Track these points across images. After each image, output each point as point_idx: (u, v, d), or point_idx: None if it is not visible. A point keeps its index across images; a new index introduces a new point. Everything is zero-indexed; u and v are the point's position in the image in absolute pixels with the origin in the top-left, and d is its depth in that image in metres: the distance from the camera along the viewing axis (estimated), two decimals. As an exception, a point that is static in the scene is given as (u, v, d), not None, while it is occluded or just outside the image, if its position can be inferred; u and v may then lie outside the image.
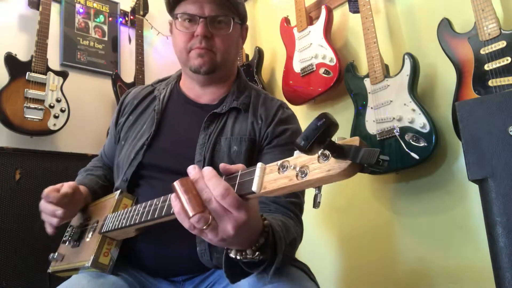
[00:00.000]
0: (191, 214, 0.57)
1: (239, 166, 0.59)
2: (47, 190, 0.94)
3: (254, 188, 0.53)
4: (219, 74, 1.02)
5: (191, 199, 0.57)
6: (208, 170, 0.58)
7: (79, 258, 0.93)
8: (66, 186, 0.96)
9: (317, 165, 0.47)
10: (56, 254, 1.02)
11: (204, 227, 0.57)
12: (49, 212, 0.94)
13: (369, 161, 0.42)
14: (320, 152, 0.46)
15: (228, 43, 0.99)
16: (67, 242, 1.01)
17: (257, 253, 0.64)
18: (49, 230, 0.97)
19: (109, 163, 1.19)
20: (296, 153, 0.50)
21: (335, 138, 0.45)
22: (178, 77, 1.13)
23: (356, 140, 0.44)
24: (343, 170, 0.44)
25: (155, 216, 0.72)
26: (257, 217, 0.63)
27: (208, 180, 0.57)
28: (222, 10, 0.96)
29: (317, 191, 0.50)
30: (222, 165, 0.60)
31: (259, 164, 0.54)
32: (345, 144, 0.44)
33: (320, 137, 0.43)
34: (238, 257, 0.65)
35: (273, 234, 0.68)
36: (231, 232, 0.57)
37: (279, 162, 0.52)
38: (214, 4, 0.95)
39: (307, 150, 0.44)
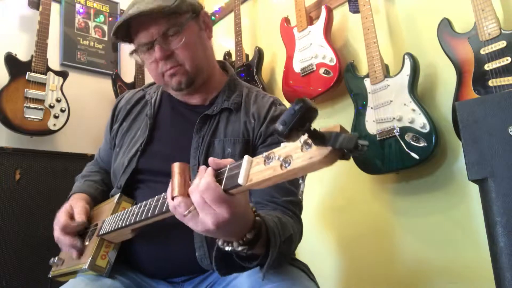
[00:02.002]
0: (174, 194, 0.59)
1: (228, 161, 0.59)
2: (63, 220, 0.92)
3: (241, 180, 0.53)
4: (200, 79, 0.99)
5: (181, 183, 0.60)
6: (202, 166, 0.61)
7: (77, 261, 0.93)
8: (80, 214, 0.95)
9: (300, 154, 0.47)
10: (57, 258, 1.03)
11: (185, 213, 0.58)
12: (69, 245, 0.93)
13: (348, 145, 0.42)
14: (303, 140, 0.47)
15: (190, 49, 0.95)
16: None
17: (245, 247, 0.64)
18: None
19: (105, 167, 1.19)
20: (283, 144, 0.50)
21: (319, 128, 0.45)
22: None
23: (337, 127, 0.44)
24: (324, 157, 0.44)
25: (149, 215, 0.73)
26: (245, 213, 0.62)
27: (198, 173, 0.59)
28: (166, 23, 0.91)
29: (300, 181, 0.50)
30: (211, 160, 0.61)
31: (246, 157, 0.54)
32: (326, 131, 0.44)
33: (299, 122, 0.43)
34: (226, 248, 0.65)
35: (266, 230, 0.68)
36: (211, 226, 0.58)
37: (265, 153, 0.52)
38: (156, 21, 0.91)
39: (286, 136, 0.44)
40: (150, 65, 0.97)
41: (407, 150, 1.44)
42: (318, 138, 0.44)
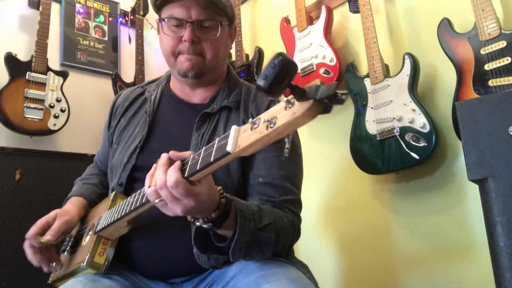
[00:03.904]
0: (149, 185, 0.68)
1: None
2: (31, 231, 0.91)
3: (229, 148, 0.55)
4: (208, 77, 1.02)
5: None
6: (164, 159, 0.67)
7: (75, 261, 0.93)
8: (53, 231, 0.92)
9: (284, 113, 0.48)
10: (54, 264, 1.01)
11: (155, 201, 0.67)
12: (35, 263, 0.93)
13: (327, 93, 0.43)
14: (286, 100, 0.48)
15: (217, 47, 0.98)
16: (66, 251, 1.00)
17: (209, 224, 0.72)
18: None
19: (104, 169, 1.19)
20: (269, 109, 0.52)
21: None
22: (168, 77, 1.13)
23: (317, 81, 0.46)
24: (306, 110, 0.45)
25: (143, 201, 0.74)
26: (209, 197, 0.69)
27: (164, 171, 0.65)
28: (209, 13, 0.95)
29: (286, 139, 0.52)
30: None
31: (233, 127, 0.56)
32: (307, 86, 0.45)
33: (279, 76, 0.43)
34: (196, 223, 0.72)
35: (237, 212, 0.74)
36: (179, 213, 0.67)
37: (252, 120, 0.53)
38: (200, 7, 0.93)
39: (268, 90, 0.45)
40: (168, 39, 0.97)
41: (407, 150, 1.44)
42: (299, 92, 0.45)
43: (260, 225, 0.77)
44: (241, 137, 0.54)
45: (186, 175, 0.63)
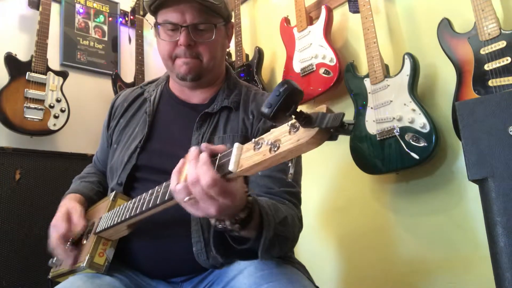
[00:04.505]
0: (181, 180, 0.60)
1: (222, 147, 0.61)
2: (62, 228, 0.92)
3: (231, 167, 0.53)
4: (206, 78, 1.02)
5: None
6: (194, 153, 0.61)
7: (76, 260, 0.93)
8: (79, 218, 0.94)
9: (288, 137, 0.47)
10: (55, 259, 1.02)
11: (185, 199, 0.60)
12: (64, 255, 0.93)
13: (333, 124, 0.42)
14: (290, 123, 0.47)
15: (213, 49, 0.99)
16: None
17: (236, 225, 0.65)
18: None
19: (102, 169, 1.19)
20: (272, 130, 0.51)
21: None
22: (167, 78, 1.13)
23: (323, 108, 0.45)
24: (311, 137, 0.44)
25: (143, 209, 0.74)
26: (241, 197, 0.63)
27: (199, 166, 0.59)
28: (203, 17, 0.95)
29: (290, 164, 0.51)
30: (204, 145, 0.62)
31: (236, 144, 0.55)
32: (312, 112, 0.44)
33: (284, 104, 0.43)
34: (219, 226, 0.66)
35: (259, 209, 0.69)
36: (213, 213, 0.60)
37: (254, 139, 0.52)
38: (195, 11, 0.93)
39: (272, 118, 0.44)
40: (164, 43, 0.98)
41: (407, 150, 1.44)
42: (305, 119, 0.44)
43: (278, 219, 0.75)
44: (243, 157, 0.53)
45: (224, 172, 0.57)
